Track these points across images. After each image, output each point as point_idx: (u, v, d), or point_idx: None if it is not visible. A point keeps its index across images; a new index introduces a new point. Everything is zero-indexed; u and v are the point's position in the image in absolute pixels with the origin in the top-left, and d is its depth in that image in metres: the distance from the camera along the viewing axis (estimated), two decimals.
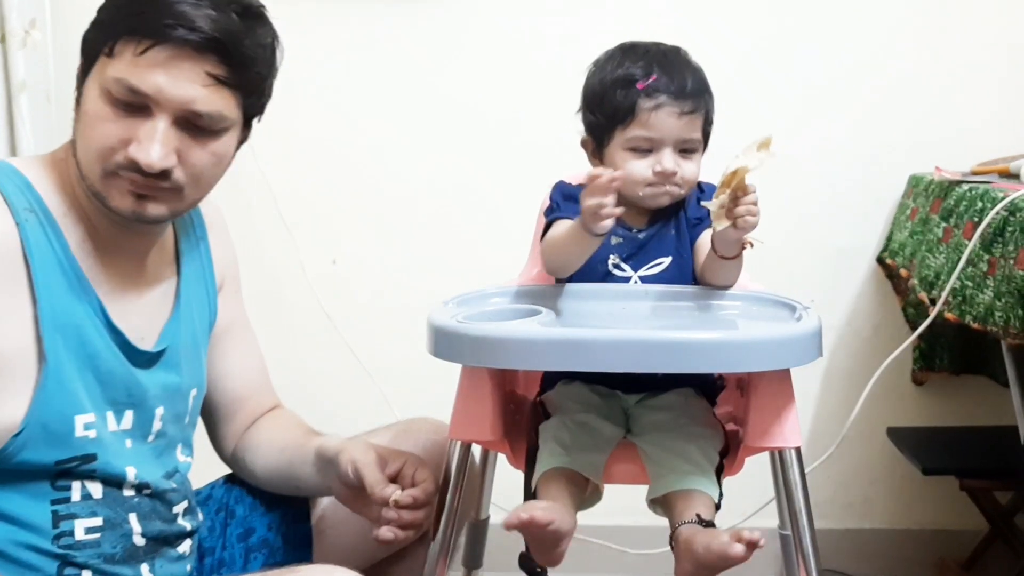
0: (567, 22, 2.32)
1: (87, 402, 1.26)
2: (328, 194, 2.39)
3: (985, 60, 2.32)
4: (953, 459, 2.20)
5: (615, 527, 2.33)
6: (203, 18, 1.20)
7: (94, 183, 1.25)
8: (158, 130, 1.21)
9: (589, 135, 1.51)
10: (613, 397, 1.48)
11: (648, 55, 1.46)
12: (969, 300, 1.73)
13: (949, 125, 2.31)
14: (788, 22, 2.33)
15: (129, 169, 1.22)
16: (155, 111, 1.21)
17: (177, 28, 1.19)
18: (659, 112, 1.42)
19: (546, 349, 1.24)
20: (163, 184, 1.24)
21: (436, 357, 1.29)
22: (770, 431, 1.32)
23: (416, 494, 1.33)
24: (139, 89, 1.20)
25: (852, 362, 2.37)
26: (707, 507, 1.33)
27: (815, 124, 2.35)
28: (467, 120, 2.36)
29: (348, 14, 2.34)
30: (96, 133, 1.23)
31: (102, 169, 1.23)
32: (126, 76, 1.20)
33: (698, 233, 1.51)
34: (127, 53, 1.21)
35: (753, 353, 1.23)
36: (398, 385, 2.35)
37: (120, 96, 1.21)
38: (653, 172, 1.44)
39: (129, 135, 1.21)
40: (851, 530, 2.44)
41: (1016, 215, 1.63)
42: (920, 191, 2.15)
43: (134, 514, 1.32)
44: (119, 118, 1.22)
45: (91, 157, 1.24)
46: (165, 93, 1.20)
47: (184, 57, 1.20)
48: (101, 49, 1.23)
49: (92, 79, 1.25)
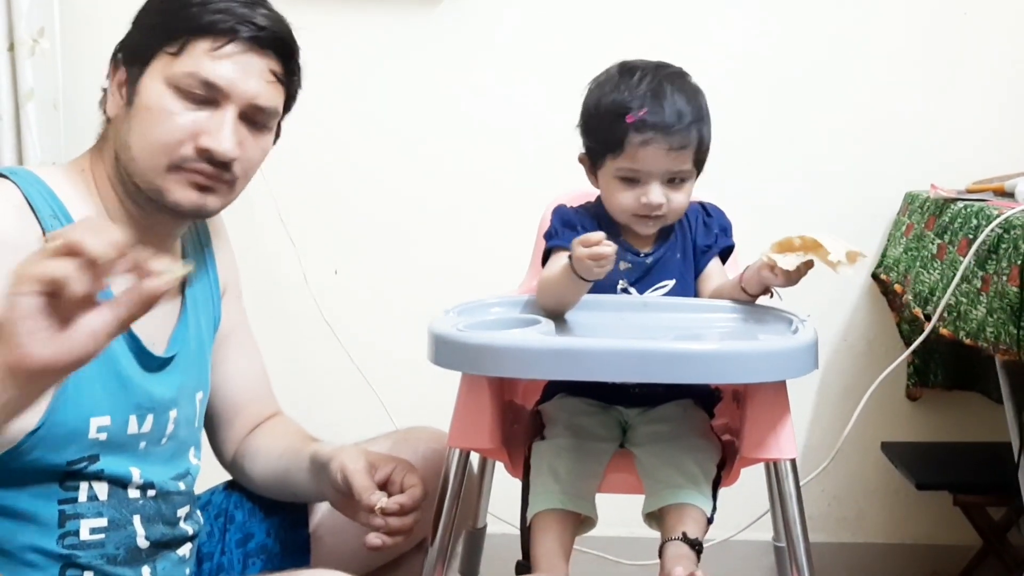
0: (574, 35, 2.33)
1: (105, 405, 1.28)
2: (331, 204, 2.40)
3: (982, 79, 2.34)
4: (947, 474, 2.21)
5: (610, 538, 2.32)
6: (262, 18, 1.30)
7: (152, 179, 1.28)
8: (227, 120, 1.28)
9: (585, 154, 1.52)
10: (611, 409, 1.49)
11: (643, 82, 1.44)
12: (963, 316, 1.74)
13: (945, 143, 2.33)
14: (784, 38, 2.35)
15: (199, 160, 1.28)
16: (223, 104, 1.28)
17: (246, 25, 1.28)
18: (647, 148, 1.41)
19: (544, 358, 1.25)
20: (225, 176, 1.30)
21: (436, 365, 1.30)
22: (765, 442, 1.33)
23: (403, 500, 1.34)
24: (213, 82, 1.27)
25: (847, 377, 2.39)
26: (697, 523, 1.34)
27: (812, 141, 2.36)
28: (470, 131, 2.37)
29: (354, 26, 2.36)
30: (163, 127, 1.27)
31: (167, 162, 1.27)
32: (199, 70, 1.27)
33: (706, 261, 1.52)
34: (198, 50, 1.27)
35: (750, 364, 1.24)
36: (398, 394, 2.36)
37: (191, 89, 1.27)
38: (640, 203, 1.44)
39: (197, 128, 1.27)
40: (845, 544, 2.44)
41: (1010, 232, 1.64)
42: (916, 208, 2.17)
43: (138, 516, 1.33)
44: (186, 111, 1.27)
45: (154, 151, 1.28)
46: (237, 86, 1.28)
47: (252, 53, 1.29)
48: (160, 49, 1.28)
49: (153, 76, 1.28)
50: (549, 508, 1.37)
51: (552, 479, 1.39)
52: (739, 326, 1.44)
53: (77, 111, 2.29)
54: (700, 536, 1.32)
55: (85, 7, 2.30)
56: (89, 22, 2.28)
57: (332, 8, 2.35)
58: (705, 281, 1.53)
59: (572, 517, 1.38)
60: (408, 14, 2.35)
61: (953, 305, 1.77)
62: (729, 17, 2.34)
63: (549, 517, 1.36)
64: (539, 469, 1.41)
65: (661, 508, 1.37)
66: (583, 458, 1.41)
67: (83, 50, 2.27)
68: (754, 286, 1.43)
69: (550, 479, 1.39)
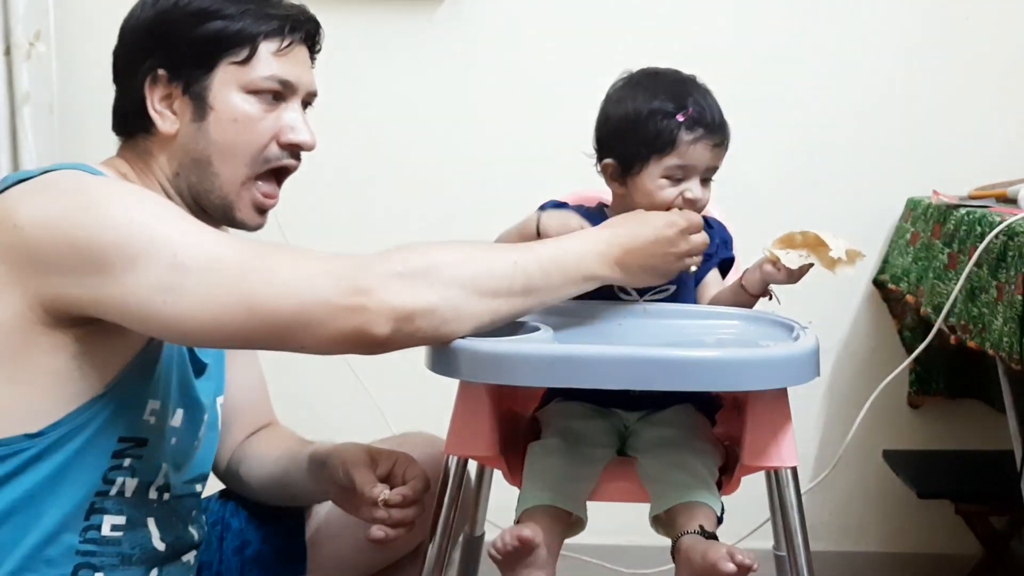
0: (579, 41, 2.33)
1: (159, 390, 1.29)
2: (329, 210, 2.40)
3: (984, 85, 2.33)
4: (949, 483, 2.20)
5: (610, 546, 2.32)
6: (297, 11, 1.36)
7: (228, 192, 1.32)
8: (300, 113, 1.35)
9: (614, 160, 1.51)
10: (610, 415, 1.48)
11: (677, 84, 1.49)
12: (988, 327, 1.72)
13: (947, 149, 2.33)
14: (787, 44, 2.35)
15: (284, 156, 1.34)
16: (289, 98, 1.34)
17: (295, 21, 1.34)
18: (698, 144, 1.45)
19: (543, 365, 1.24)
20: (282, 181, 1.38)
21: (434, 372, 1.30)
22: (767, 450, 1.32)
23: (405, 492, 1.34)
24: (288, 80, 1.33)
25: (848, 384, 2.38)
26: (710, 519, 1.32)
27: (813, 146, 2.36)
28: (470, 138, 2.37)
29: (353, 31, 2.35)
30: (253, 133, 1.31)
31: (251, 172, 1.32)
32: (277, 72, 1.32)
33: (706, 270, 1.52)
34: (266, 53, 1.31)
35: (751, 372, 1.24)
36: (396, 401, 2.35)
37: (270, 89, 1.31)
38: (682, 198, 1.45)
39: (278, 126, 1.32)
40: (846, 552, 2.43)
41: (1015, 239, 1.63)
42: (918, 215, 2.16)
43: (152, 519, 1.32)
44: (267, 113, 1.32)
45: (244, 159, 1.31)
46: (302, 79, 1.35)
47: (300, 46, 1.35)
48: (222, 60, 1.30)
49: (225, 87, 1.30)
50: (536, 505, 1.36)
51: (542, 479, 1.38)
52: (740, 333, 1.43)
53: (73, 115, 2.28)
54: (714, 533, 1.31)
55: (81, 11, 2.30)
56: (85, 26, 2.28)
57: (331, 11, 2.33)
58: (704, 289, 1.53)
59: (561, 515, 1.37)
60: (407, 18, 2.34)
61: (976, 316, 1.75)
62: (731, 23, 2.34)
63: (536, 514, 1.36)
64: (530, 470, 1.41)
65: (670, 509, 1.35)
66: (575, 461, 1.41)
67: (79, 54, 2.27)
68: (755, 284, 1.44)
69: (540, 479, 1.39)
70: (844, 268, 1.37)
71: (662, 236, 1.34)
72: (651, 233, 1.34)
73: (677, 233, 1.36)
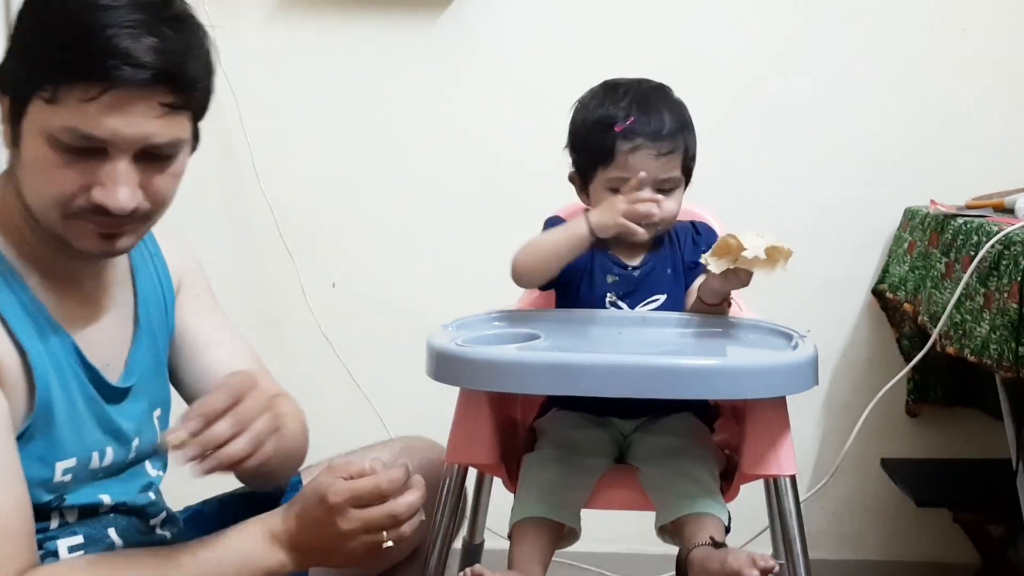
0: (574, 51, 2.33)
1: (70, 448, 1.23)
2: (329, 217, 2.40)
3: (980, 95, 2.34)
4: (947, 491, 2.20)
5: (608, 554, 2.32)
6: (146, 51, 1.10)
7: (54, 227, 1.17)
8: (120, 171, 1.13)
9: (575, 172, 1.54)
10: (607, 424, 1.49)
11: (628, 95, 1.50)
12: (968, 334, 1.74)
13: (944, 159, 2.33)
14: (783, 53, 2.35)
15: (95, 213, 1.14)
16: (113, 153, 1.13)
17: (123, 68, 1.09)
18: (636, 154, 1.46)
19: (542, 373, 1.25)
20: (128, 224, 1.18)
21: (435, 380, 1.30)
22: (765, 459, 1.33)
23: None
24: (94, 136, 1.11)
25: (846, 393, 2.38)
26: (718, 530, 1.33)
27: (811, 156, 2.36)
28: (469, 146, 2.37)
29: (352, 39, 2.36)
30: (49, 181, 1.13)
31: (61, 215, 1.15)
32: (77, 125, 1.10)
33: (693, 278, 1.53)
34: (72, 100, 1.10)
35: (750, 380, 1.24)
36: (396, 409, 2.35)
37: (72, 143, 1.11)
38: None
39: (88, 179, 1.13)
40: (844, 561, 2.43)
41: (1010, 249, 1.64)
42: (916, 224, 2.16)
43: (112, 529, 1.30)
44: (73, 163, 1.12)
45: (47, 204, 1.15)
46: (123, 135, 1.12)
47: (135, 96, 1.11)
48: (35, 92, 1.11)
49: (31, 125, 1.13)
50: (529, 516, 1.37)
51: (535, 489, 1.39)
52: (739, 342, 1.44)
53: None
54: (724, 543, 1.32)
55: None
56: None
57: (331, 19, 2.35)
58: (688, 297, 1.54)
59: (553, 526, 1.38)
60: (409, 25, 2.35)
61: (959, 323, 1.77)
62: (730, 33, 2.34)
63: (529, 525, 1.37)
64: (524, 480, 1.42)
65: (677, 519, 1.36)
66: (570, 471, 1.41)
67: None
68: (706, 293, 1.46)
69: (533, 489, 1.39)
70: (764, 268, 1.34)
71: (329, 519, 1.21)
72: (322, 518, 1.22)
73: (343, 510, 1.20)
